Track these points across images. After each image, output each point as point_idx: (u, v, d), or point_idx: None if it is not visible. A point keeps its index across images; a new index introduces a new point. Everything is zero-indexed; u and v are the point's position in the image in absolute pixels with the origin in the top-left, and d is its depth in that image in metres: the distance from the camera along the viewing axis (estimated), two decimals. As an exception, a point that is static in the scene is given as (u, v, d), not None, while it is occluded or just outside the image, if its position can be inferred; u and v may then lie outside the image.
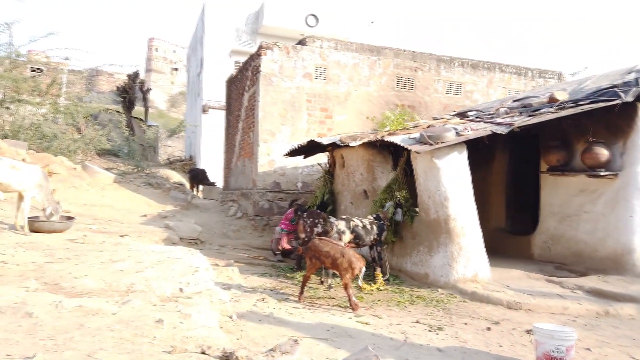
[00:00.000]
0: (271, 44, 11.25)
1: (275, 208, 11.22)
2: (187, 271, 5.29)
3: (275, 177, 11.27)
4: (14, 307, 3.40)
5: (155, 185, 16.09)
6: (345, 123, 11.52)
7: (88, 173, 13.40)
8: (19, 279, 4.32)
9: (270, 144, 11.15)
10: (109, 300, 3.97)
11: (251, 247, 10.11)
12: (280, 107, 11.20)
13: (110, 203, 11.92)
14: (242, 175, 12.96)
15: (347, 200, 9.32)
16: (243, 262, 8.31)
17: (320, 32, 23.24)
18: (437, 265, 6.79)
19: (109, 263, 5.30)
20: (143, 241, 7.82)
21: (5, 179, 6.35)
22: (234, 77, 14.59)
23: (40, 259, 5.20)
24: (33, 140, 15.10)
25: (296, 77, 11.31)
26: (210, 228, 11.30)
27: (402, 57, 12.34)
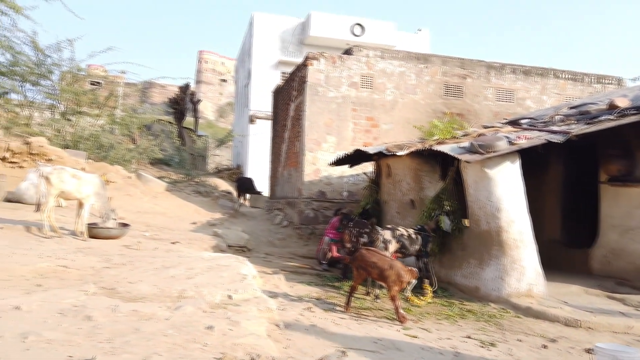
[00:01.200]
0: (317, 54, 11.34)
1: (321, 217, 11.24)
2: (235, 278, 5.36)
3: (321, 186, 11.30)
4: (75, 310, 3.55)
5: (204, 193, 16.53)
6: (391, 132, 11.42)
7: (142, 181, 13.94)
8: (79, 283, 4.52)
9: (316, 153, 11.21)
10: (161, 305, 4.07)
11: (297, 255, 10.15)
12: (326, 117, 11.25)
13: (162, 210, 12.32)
14: (288, 184, 13.08)
15: (393, 209, 9.20)
16: (289, 271, 8.34)
17: (366, 41, 23.30)
18: (488, 278, 6.56)
19: (162, 269, 5.46)
20: (193, 248, 8.02)
21: (67, 187, 6.69)
22: (281, 87, 14.82)
23: (98, 264, 5.42)
24: (92, 150, 15.88)
25: (342, 86, 11.34)
26: (257, 236, 11.44)
27: (450, 64, 12.13)
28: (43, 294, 3.93)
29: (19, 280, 4.40)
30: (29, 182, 9.31)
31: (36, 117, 17.48)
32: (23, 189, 9.27)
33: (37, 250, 5.74)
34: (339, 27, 24.80)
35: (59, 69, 17.72)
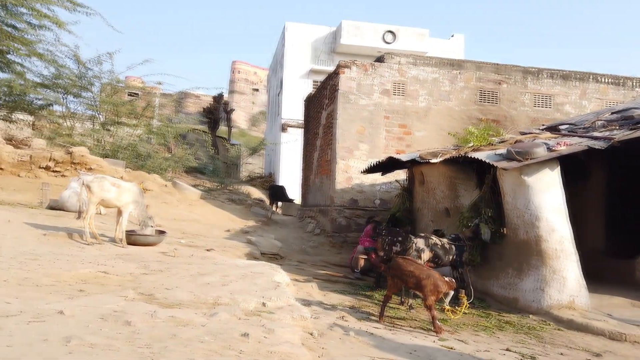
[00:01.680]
0: (349, 62, 11.36)
1: (353, 225, 11.19)
2: (269, 286, 5.38)
3: (353, 194, 11.26)
4: (115, 315, 3.64)
5: (237, 201, 16.74)
6: (424, 139, 11.29)
7: (177, 190, 14.24)
8: (119, 289, 4.64)
9: (348, 161, 11.19)
10: (197, 312, 4.13)
11: (329, 263, 10.12)
12: (358, 124, 11.23)
13: (197, 218, 12.53)
14: (319, 192, 13.10)
15: (427, 218, 9.07)
16: (322, 279, 8.32)
17: (397, 48, 23.20)
18: (527, 289, 6.36)
19: (197, 276, 5.54)
20: (227, 255, 8.11)
21: (107, 196, 6.90)
22: (312, 96, 14.90)
23: (136, 270, 5.55)
24: (130, 159, 16.36)
25: (374, 94, 11.31)
26: (289, 244, 11.49)
27: (484, 70, 11.92)
28: (85, 299, 4.05)
29: (63, 286, 4.54)
30: (71, 190, 9.63)
31: (78, 127, 18.17)
32: (65, 197, 9.60)
33: (79, 256, 5.93)
34: (370, 35, 24.82)
35: (99, 81, 18.41)
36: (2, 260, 5.19)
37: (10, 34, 13.42)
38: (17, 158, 11.96)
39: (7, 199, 9.83)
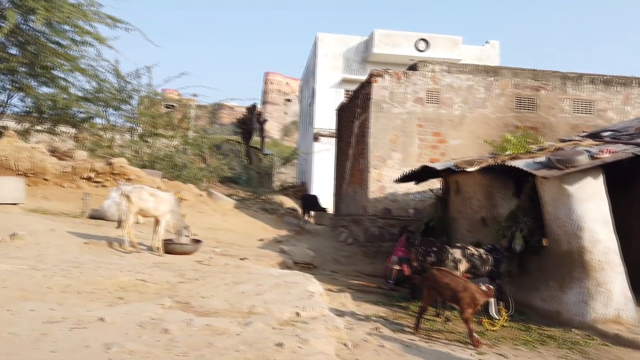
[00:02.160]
0: (382, 71, 11.33)
1: (386, 235, 11.07)
2: (303, 296, 5.36)
3: (386, 203, 11.15)
4: (153, 322, 3.70)
5: (270, 210, 16.87)
6: (459, 147, 11.10)
7: (212, 199, 14.47)
8: (156, 297, 4.72)
9: (381, 170, 11.11)
10: (232, 320, 4.15)
11: (362, 273, 10.03)
12: (391, 133, 11.15)
13: (231, 227, 12.68)
14: (352, 201, 13.04)
15: (463, 227, 8.87)
16: (355, 289, 8.25)
17: (430, 56, 23.01)
18: (570, 302, 6.11)
19: (232, 285, 5.58)
20: (261, 264, 8.15)
21: (145, 205, 7.07)
22: (344, 105, 14.92)
23: (173, 279, 5.64)
24: (166, 169, 16.77)
25: (407, 102, 11.22)
26: (322, 253, 11.46)
27: (521, 76, 11.65)
28: (124, 307, 4.14)
29: (103, 293, 4.66)
30: (111, 200, 9.92)
31: (117, 139, 18.79)
32: (106, 207, 9.90)
33: (118, 264, 6.08)
34: (402, 43, 24.73)
35: (138, 94, 19.02)
36: (47, 267, 5.38)
37: (55, 51, 14.04)
38: (61, 169, 12.43)
39: (51, 208, 10.22)
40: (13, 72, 14.25)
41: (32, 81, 15.02)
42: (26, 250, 6.26)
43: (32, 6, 11.79)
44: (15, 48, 13.96)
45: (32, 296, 4.20)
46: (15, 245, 6.39)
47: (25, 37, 13.51)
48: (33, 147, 12.44)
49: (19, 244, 6.48)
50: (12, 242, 6.53)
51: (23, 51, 13.74)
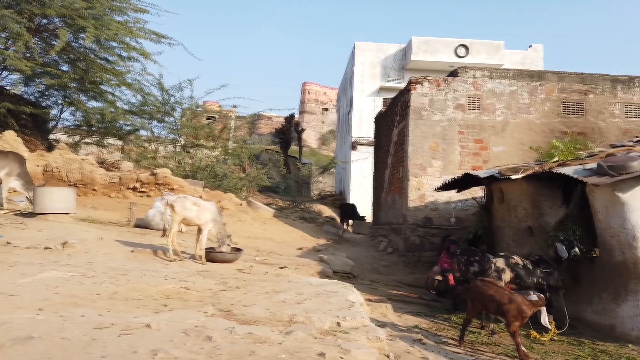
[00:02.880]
0: (421, 78, 11.20)
1: (427, 244, 10.86)
2: (343, 305, 5.31)
3: (427, 212, 10.96)
4: (197, 330, 3.75)
5: (309, 219, 16.92)
6: (502, 154, 10.80)
7: (252, 208, 14.66)
8: (199, 304, 4.79)
9: (421, 178, 10.94)
10: (274, 329, 4.15)
11: (402, 283, 9.87)
12: (431, 141, 10.99)
13: (270, 236, 12.79)
14: (391, 210, 12.90)
15: (508, 237, 8.59)
16: (396, 299, 8.12)
17: (470, 61, 22.62)
18: (625, 315, 5.78)
19: (272, 293, 5.60)
20: (300, 273, 8.16)
21: (189, 214, 7.23)
22: (383, 113, 14.83)
23: (215, 287, 5.72)
24: (208, 179, 17.14)
25: (447, 109, 11.03)
26: (361, 263, 11.36)
27: (568, 80, 11.24)
28: (169, 314, 4.22)
29: (149, 300, 4.78)
30: (155, 209, 10.21)
31: (161, 150, 19.41)
32: (150, 216, 10.18)
33: (162, 272, 6.23)
34: (441, 50, 24.43)
35: (181, 106, 19.64)
36: (95, 275, 5.57)
37: (103, 67, 14.69)
38: (108, 180, 12.92)
39: (99, 217, 10.62)
40: (65, 87, 15.00)
41: (82, 96, 15.77)
42: (76, 257, 6.51)
43: (83, 25, 12.39)
44: (67, 65, 14.71)
45: (82, 302, 4.35)
46: (66, 253, 6.66)
47: (75, 54, 14.21)
48: (83, 159, 13.01)
49: (70, 252, 6.75)
50: (63, 250, 6.81)
51: (74, 68, 14.45)
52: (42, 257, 6.33)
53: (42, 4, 11.94)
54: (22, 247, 6.71)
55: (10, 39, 11.84)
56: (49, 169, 12.28)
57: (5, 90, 14.49)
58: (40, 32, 13.57)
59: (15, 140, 11.96)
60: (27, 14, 12.39)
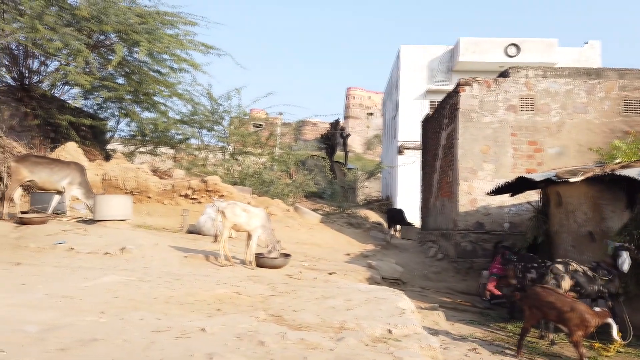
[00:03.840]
0: (470, 80, 10.92)
1: (479, 250, 10.53)
2: (393, 312, 5.23)
3: (478, 217, 10.63)
4: (249, 334, 3.80)
5: (355, 225, 16.83)
6: (558, 156, 10.33)
7: (299, 214, 14.76)
8: (250, 309, 4.86)
9: (472, 182, 10.64)
10: (324, 335, 4.14)
11: (454, 291, 9.62)
12: (482, 143, 10.67)
13: (318, 242, 12.81)
14: (441, 215, 12.62)
15: (566, 243, 8.19)
16: (447, 307, 7.92)
17: (521, 61, 21.86)
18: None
19: (322, 299, 5.60)
20: (349, 279, 8.12)
21: (239, 220, 7.36)
22: (430, 116, 14.58)
23: (265, 292, 5.78)
24: (255, 185, 17.42)
25: (498, 110, 10.69)
26: (411, 269, 11.17)
27: (629, 77, 10.62)
28: (222, 318, 4.30)
29: (202, 305, 4.89)
30: (206, 215, 10.48)
31: (210, 158, 19.95)
32: (202, 222, 10.46)
33: (214, 277, 6.36)
34: (490, 50, 23.76)
35: (229, 115, 20.11)
36: (152, 279, 5.76)
37: (155, 78, 15.28)
38: (162, 187, 13.39)
39: (154, 224, 11.01)
40: (121, 100, 15.73)
41: (137, 107, 16.47)
42: (134, 262, 6.78)
43: (137, 39, 12.96)
44: (122, 78, 15.41)
45: (140, 306, 4.50)
46: (124, 258, 6.95)
47: (130, 68, 14.86)
48: (138, 168, 13.55)
49: (128, 257, 7.03)
50: (122, 255, 7.10)
51: (129, 80, 15.12)
52: (102, 262, 6.63)
53: (99, 21, 12.58)
54: (84, 252, 7.06)
55: (71, 55, 12.54)
56: (107, 178, 12.87)
57: (67, 104, 15.36)
58: (98, 47, 14.30)
59: (76, 151, 12.62)
60: (86, 31, 13.10)
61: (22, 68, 13.80)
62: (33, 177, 9.00)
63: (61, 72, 12.95)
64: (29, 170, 8.96)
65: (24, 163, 9.01)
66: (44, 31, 11.54)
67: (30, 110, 13.86)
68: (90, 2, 12.47)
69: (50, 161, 9.61)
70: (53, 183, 9.26)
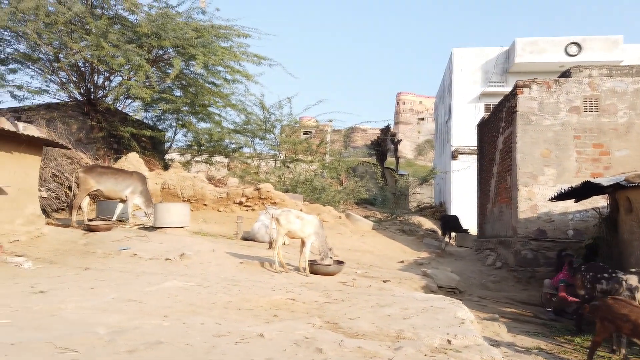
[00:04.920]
0: (528, 81, 10.50)
1: (541, 258, 10.05)
2: (452, 322, 5.09)
3: (540, 224, 10.16)
4: (307, 341, 3.80)
5: (408, 232, 16.55)
6: (627, 159, 9.71)
7: (350, 221, 14.70)
8: (306, 316, 4.87)
9: (532, 188, 10.19)
10: (381, 344, 4.07)
11: (515, 301, 9.22)
12: (542, 147, 10.21)
13: (370, 249, 12.70)
14: (499, 222, 12.17)
15: (638, 251, 7.65)
16: (508, 317, 7.60)
17: (583, 60, 20.82)
18: None
19: (377, 307, 5.52)
20: (403, 287, 7.98)
21: (292, 227, 7.43)
22: (486, 120, 14.14)
23: (320, 299, 5.78)
24: (306, 192, 17.55)
25: (560, 112, 10.20)
26: (467, 277, 10.83)
27: None
28: (279, 324, 4.33)
29: (259, 310, 4.95)
30: (260, 222, 10.66)
31: (262, 166, 20.32)
32: (256, 229, 10.64)
33: (270, 283, 6.44)
34: (549, 49, 22.79)
35: (280, 123, 20.44)
36: (210, 285, 5.91)
37: (210, 90, 15.80)
38: (217, 195, 13.77)
39: (210, 231, 11.32)
40: (178, 111, 16.37)
41: (193, 118, 17.09)
42: (193, 268, 6.99)
43: (193, 53, 13.46)
44: (179, 90, 16.05)
45: (200, 311, 4.62)
46: (184, 264, 7.18)
47: (187, 80, 15.46)
48: (194, 176, 14.03)
49: (187, 263, 7.26)
50: (181, 261, 7.34)
51: (185, 93, 15.73)
52: (163, 268, 6.88)
53: (158, 37, 13.18)
54: (146, 258, 7.35)
55: (133, 70, 13.21)
56: (165, 186, 13.40)
57: (128, 117, 16.18)
58: (157, 62, 14.98)
59: (137, 161, 13.24)
60: (146, 46, 13.76)
61: (88, 84, 14.69)
62: (99, 187, 9.51)
63: (124, 86, 13.67)
64: (95, 180, 9.47)
65: (91, 173, 9.54)
66: (108, 48, 12.23)
67: (96, 123, 14.71)
68: (150, 19, 13.10)
69: (115, 171, 10.13)
70: (117, 192, 9.74)
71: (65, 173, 11.33)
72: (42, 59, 13.84)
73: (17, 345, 3.18)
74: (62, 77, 14.36)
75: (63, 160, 11.53)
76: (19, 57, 13.80)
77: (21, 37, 13.11)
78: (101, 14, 13.47)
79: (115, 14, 13.80)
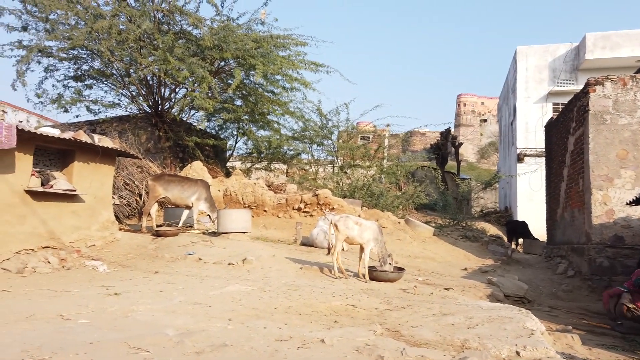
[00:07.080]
0: (601, 78, 9.86)
1: (619, 267, 9.36)
2: (520, 333, 4.84)
3: (617, 230, 9.47)
4: (368, 348, 3.75)
5: (472, 238, 16.01)
6: None
7: (410, 226, 14.44)
8: (367, 322, 4.82)
9: (607, 191, 9.54)
10: (446, 354, 3.95)
11: (589, 312, 8.64)
12: (618, 148, 9.54)
13: (431, 255, 12.40)
14: (570, 228, 11.48)
15: None
16: (582, 329, 7.12)
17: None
18: None
19: (440, 316, 5.37)
20: (467, 296, 7.71)
21: (351, 233, 7.41)
22: (554, 120, 13.43)
23: (380, 306, 5.71)
24: (364, 198, 17.47)
25: (638, 110, 9.49)
26: (536, 286, 10.29)
27: None
28: (340, 330, 4.32)
29: (319, 316, 4.96)
30: (318, 228, 10.72)
31: (320, 172, 20.48)
32: (314, 235, 10.72)
33: (329, 289, 6.45)
34: (623, 44, 21.30)
35: (337, 129, 20.53)
36: (271, 289, 6.01)
37: (269, 98, 16.17)
38: (276, 201, 14.03)
39: (270, 236, 11.54)
40: (239, 120, 16.89)
41: (252, 126, 17.57)
42: (254, 273, 7.14)
43: (253, 63, 13.84)
44: (240, 100, 16.55)
45: (262, 315, 4.71)
46: (246, 269, 7.35)
47: (247, 90, 15.91)
48: (255, 183, 14.38)
49: (249, 268, 7.43)
50: (243, 265, 7.53)
51: (245, 102, 16.19)
52: (226, 272, 7.08)
53: (220, 49, 13.69)
54: (210, 262, 7.61)
55: (196, 82, 13.80)
56: (227, 193, 13.83)
57: (193, 127, 16.89)
58: (219, 73, 15.55)
59: (201, 169, 13.78)
60: (209, 59, 14.32)
61: (156, 96, 15.50)
62: (167, 194, 9.97)
63: (188, 98, 14.30)
64: (163, 188, 9.95)
65: (159, 181, 10.03)
66: (174, 62, 12.85)
67: (163, 133, 15.48)
68: (213, 32, 13.63)
69: (181, 179, 10.59)
70: (183, 199, 10.17)
71: (135, 181, 12.00)
72: (115, 74, 14.77)
73: (95, 345, 3.39)
74: (132, 90, 15.26)
75: (134, 169, 12.22)
76: (94, 73, 14.82)
77: (96, 54, 14.06)
78: (167, 29, 14.19)
79: (180, 29, 14.48)
